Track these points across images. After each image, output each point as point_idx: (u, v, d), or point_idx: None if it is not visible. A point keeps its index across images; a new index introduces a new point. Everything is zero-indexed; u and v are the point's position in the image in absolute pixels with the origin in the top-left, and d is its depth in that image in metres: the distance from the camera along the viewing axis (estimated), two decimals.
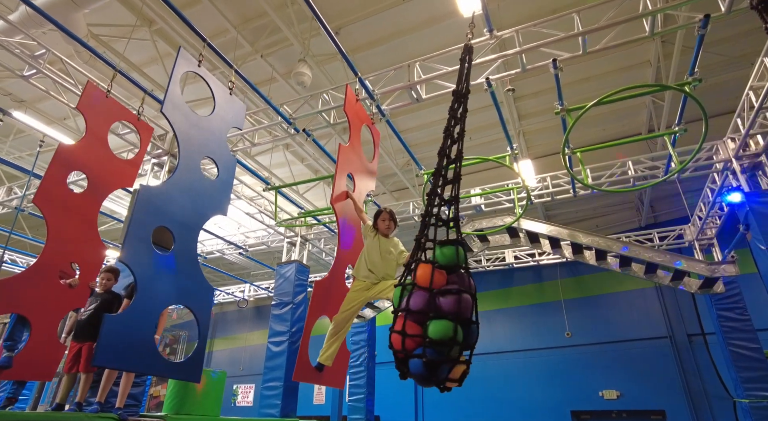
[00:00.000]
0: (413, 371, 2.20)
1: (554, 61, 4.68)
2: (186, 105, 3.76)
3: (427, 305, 2.20)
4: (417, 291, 2.26)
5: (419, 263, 2.35)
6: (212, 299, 3.41)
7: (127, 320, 2.73)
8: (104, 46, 7.34)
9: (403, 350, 2.19)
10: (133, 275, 2.85)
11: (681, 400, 10.47)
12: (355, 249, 4.19)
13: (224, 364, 17.59)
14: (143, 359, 2.74)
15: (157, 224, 3.19)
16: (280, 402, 7.14)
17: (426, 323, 2.19)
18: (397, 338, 2.20)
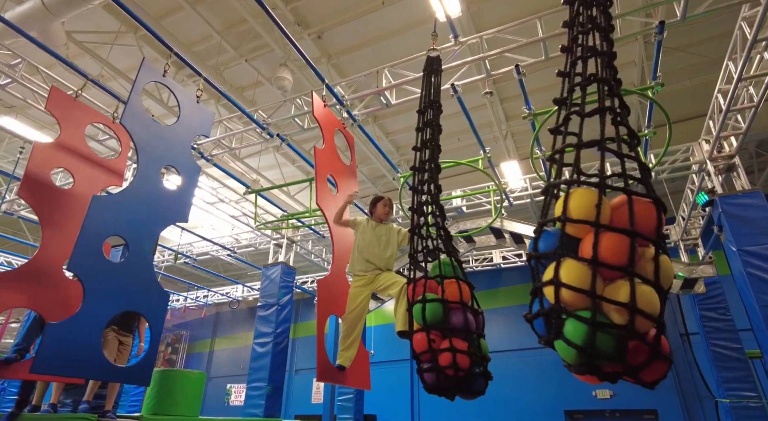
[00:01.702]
0: (478, 388, 2.24)
1: (517, 66, 4.71)
2: (147, 115, 3.85)
3: (473, 324, 2.30)
4: (468, 310, 2.31)
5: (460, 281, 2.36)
6: (166, 305, 3.49)
7: (72, 327, 2.81)
8: (88, 53, 7.47)
9: (466, 369, 2.16)
10: (81, 283, 2.93)
11: (673, 399, 10.45)
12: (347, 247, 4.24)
13: (224, 363, 17.80)
14: (87, 365, 2.80)
15: (110, 233, 3.28)
16: (264, 402, 7.25)
17: (472, 341, 2.26)
18: (464, 357, 2.18)
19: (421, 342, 2.30)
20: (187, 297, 15.39)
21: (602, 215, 1.44)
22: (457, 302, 2.30)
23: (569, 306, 1.41)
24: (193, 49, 7.76)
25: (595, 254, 1.39)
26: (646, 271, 1.38)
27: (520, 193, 8.87)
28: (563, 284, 1.41)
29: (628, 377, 1.41)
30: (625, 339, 1.32)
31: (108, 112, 5.69)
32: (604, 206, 1.45)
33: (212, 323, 18.91)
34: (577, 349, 1.35)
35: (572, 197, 1.52)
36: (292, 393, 15.62)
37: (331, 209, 3.99)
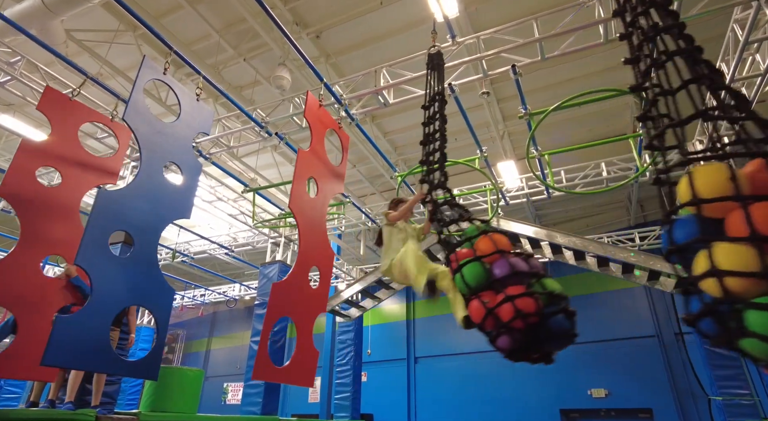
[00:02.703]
0: (560, 327, 1.91)
1: (513, 66, 4.77)
2: (149, 112, 3.89)
3: (531, 266, 2.01)
4: (512, 256, 2.05)
5: (488, 233, 2.17)
6: (172, 300, 3.53)
7: (80, 320, 2.86)
8: (87, 51, 7.49)
9: (537, 312, 1.86)
10: (89, 277, 2.98)
11: (668, 398, 10.54)
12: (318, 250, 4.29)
13: (222, 362, 17.81)
14: (96, 358, 2.87)
15: (115, 228, 3.33)
16: (262, 400, 7.28)
17: (534, 284, 1.96)
18: (528, 301, 1.87)
19: (475, 310, 2.03)
20: (184, 296, 15.39)
21: (743, 185, 1.27)
22: (494, 252, 2.04)
23: (743, 295, 1.21)
24: (192, 48, 7.79)
25: (752, 228, 1.19)
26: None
27: (516, 192, 8.93)
28: (727, 272, 1.22)
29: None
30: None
31: (107, 111, 5.71)
32: (740, 176, 1.29)
33: (209, 322, 18.91)
34: (760, 339, 1.17)
35: (697, 177, 1.35)
36: (290, 392, 15.65)
37: (304, 212, 4.03)
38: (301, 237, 4.06)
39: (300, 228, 4.03)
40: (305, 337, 3.97)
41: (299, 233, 4.02)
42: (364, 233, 11.60)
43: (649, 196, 11.74)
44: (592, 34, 4.88)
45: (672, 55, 1.60)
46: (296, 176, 3.99)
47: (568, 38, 4.84)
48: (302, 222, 4.05)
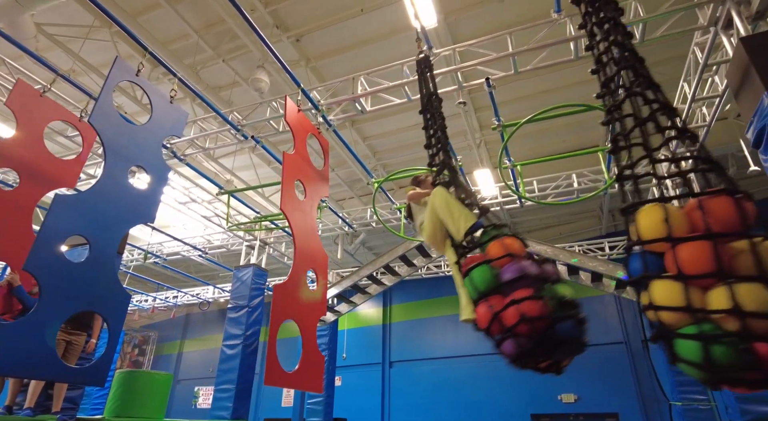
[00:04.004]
0: (564, 333, 1.84)
1: (487, 79, 4.90)
2: (117, 114, 3.83)
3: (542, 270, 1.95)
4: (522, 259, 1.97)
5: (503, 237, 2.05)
6: (126, 306, 3.46)
7: (26, 326, 2.77)
8: (59, 47, 7.32)
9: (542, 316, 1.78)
10: (38, 283, 2.91)
11: (633, 403, 10.86)
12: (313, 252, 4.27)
13: (194, 365, 17.49)
14: (41, 365, 2.77)
15: (71, 233, 3.24)
16: (232, 405, 7.20)
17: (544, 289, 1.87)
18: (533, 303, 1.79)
19: (482, 315, 2.01)
20: (156, 298, 15.07)
21: (675, 226, 1.40)
22: (504, 255, 1.99)
23: (674, 326, 1.36)
24: (170, 48, 7.69)
25: (678, 268, 1.36)
26: (749, 266, 1.30)
27: (491, 201, 9.10)
28: (658, 307, 1.38)
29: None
30: (746, 345, 1.24)
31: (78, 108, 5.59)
32: (673, 217, 1.42)
33: (182, 325, 18.55)
34: (696, 367, 1.29)
35: (641, 217, 1.50)
36: (262, 396, 15.47)
37: (296, 214, 4.04)
38: (296, 239, 4.05)
39: (294, 231, 4.02)
40: (310, 341, 3.93)
41: (294, 235, 4.02)
42: (341, 236, 11.60)
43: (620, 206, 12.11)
44: (565, 50, 5.04)
45: (628, 95, 1.74)
46: (285, 179, 4.00)
47: (541, 53, 4.99)
48: (295, 224, 4.05)
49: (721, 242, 1.35)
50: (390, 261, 8.40)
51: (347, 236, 11.57)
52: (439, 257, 9.94)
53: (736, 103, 3.84)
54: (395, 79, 5.71)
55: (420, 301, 14.64)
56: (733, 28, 4.08)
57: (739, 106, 3.79)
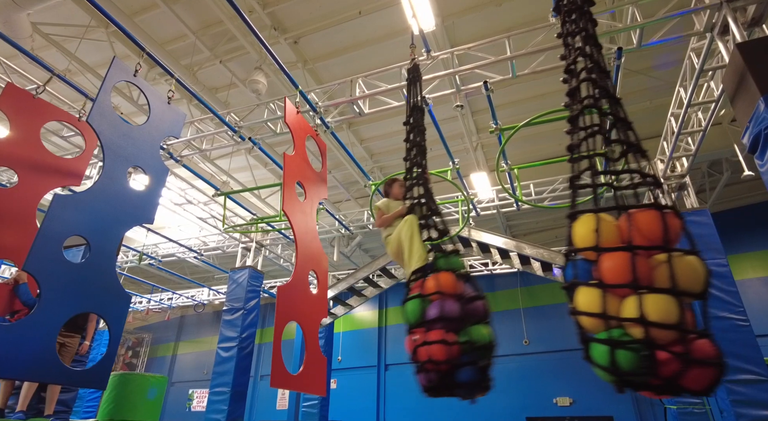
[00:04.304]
0: (464, 379, 2.05)
1: (485, 83, 4.91)
2: (116, 114, 3.81)
3: (464, 311, 2.11)
4: (448, 299, 2.15)
5: (436, 272, 2.25)
6: (127, 308, 3.44)
7: (26, 328, 2.75)
8: (55, 46, 7.27)
9: (448, 361, 2.02)
10: (38, 284, 2.88)
11: (628, 406, 10.89)
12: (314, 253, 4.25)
13: (188, 368, 17.37)
14: (41, 368, 2.75)
15: (71, 233, 3.22)
16: (227, 408, 7.14)
17: (463, 330, 2.08)
18: (440, 348, 2.02)
19: (408, 344, 2.20)
20: (150, 299, 14.97)
21: (604, 236, 1.48)
22: (434, 293, 2.16)
23: (591, 331, 1.46)
24: (167, 48, 7.65)
25: (599, 276, 1.45)
26: (663, 278, 1.38)
27: (487, 204, 9.11)
28: (578, 312, 1.48)
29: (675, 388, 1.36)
30: (647, 352, 1.32)
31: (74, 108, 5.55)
32: (604, 228, 1.50)
33: (176, 327, 18.43)
34: (603, 369, 1.39)
35: (575, 226, 1.59)
36: (257, 399, 15.38)
37: (298, 215, 4.02)
38: (298, 241, 4.03)
39: (296, 232, 4.01)
40: (313, 343, 3.91)
41: (295, 236, 4.00)
42: (337, 239, 11.58)
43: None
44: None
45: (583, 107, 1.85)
46: (286, 180, 3.99)
47: (539, 57, 5.01)
48: (297, 225, 4.03)
49: (643, 254, 1.43)
50: (386, 264, 8.39)
51: (344, 238, 11.55)
52: None
53: (732, 108, 3.87)
54: (393, 81, 5.71)
55: None
56: (729, 34, 4.12)
57: (735, 111, 3.82)
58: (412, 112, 3.19)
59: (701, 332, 1.37)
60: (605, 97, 1.82)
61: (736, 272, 5.71)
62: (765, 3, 3.97)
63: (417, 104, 3.24)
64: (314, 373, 3.83)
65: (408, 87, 3.43)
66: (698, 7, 4.36)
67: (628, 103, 8.45)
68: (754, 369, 4.93)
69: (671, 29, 4.63)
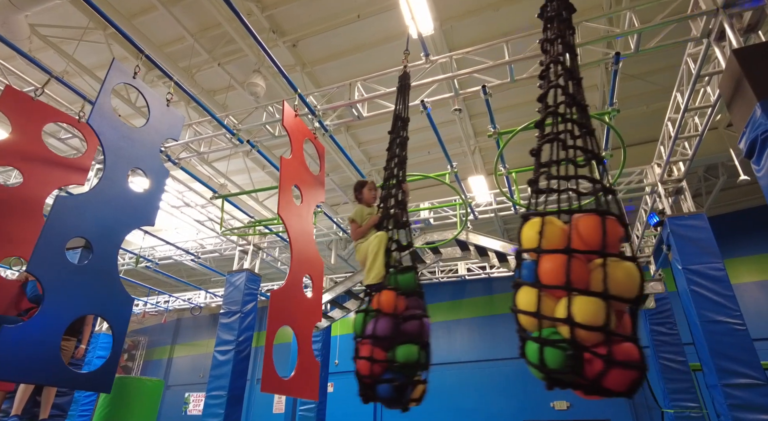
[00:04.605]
0: (382, 394, 2.30)
1: (484, 87, 4.93)
2: (116, 116, 3.80)
3: (393, 331, 2.31)
4: (383, 317, 2.37)
5: (382, 290, 2.47)
6: (130, 310, 3.44)
7: (30, 330, 2.74)
8: (53, 48, 7.26)
9: (370, 376, 2.28)
10: (41, 286, 2.88)
11: (625, 410, 10.89)
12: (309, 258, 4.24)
13: (184, 371, 17.28)
14: (45, 370, 2.75)
15: (73, 235, 3.22)
16: (224, 411, 7.10)
17: (392, 348, 2.29)
18: (365, 364, 2.29)
19: (354, 351, 2.49)
20: (147, 302, 14.89)
21: (547, 239, 1.53)
22: (375, 310, 2.39)
23: (528, 329, 1.51)
24: (165, 51, 7.65)
25: (536, 276, 1.51)
26: (596, 282, 1.42)
27: (485, 207, 9.13)
28: (517, 310, 1.54)
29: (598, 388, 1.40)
30: (573, 352, 1.37)
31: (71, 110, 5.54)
32: (548, 231, 1.55)
33: (172, 330, 18.34)
34: (533, 366, 1.45)
35: (524, 228, 1.65)
36: (254, 403, 15.30)
37: (293, 219, 4.01)
38: (293, 245, 4.01)
39: (291, 236, 3.98)
40: (306, 347, 3.89)
41: (290, 240, 3.97)
42: (335, 242, 11.56)
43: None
44: None
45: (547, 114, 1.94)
46: (282, 184, 3.98)
47: (536, 61, 5.03)
48: (292, 229, 4.01)
49: (581, 258, 1.47)
50: None
51: (341, 241, 11.53)
52: (433, 264, 9.93)
53: (729, 113, 3.89)
54: (391, 85, 5.69)
55: None
56: (726, 40, 4.15)
57: (731, 116, 3.84)
58: (397, 122, 3.22)
59: (627, 336, 1.41)
60: (571, 104, 1.86)
61: (732, 276, 5.74)
62: (761, 10, 4.00)
63: (402, 115, 3.26)
64: (307, 377, 3.81)
65: (397, 94, 3.45)
66: (695, 13, 4.39)
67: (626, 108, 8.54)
68: (751, 373, 4.94)
69: (668, 35, 4.66)
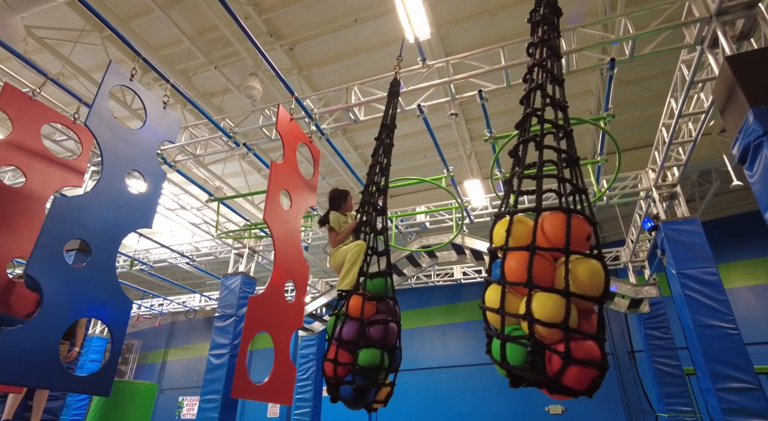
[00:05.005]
0: (343, 395, 2.38)
1: (480, 92, 4.96)
2: (113, 118, 3.79)
3: (357, 335, 2.39)
4: (349, 321, 2.45)
5: (352, 295, 2.53)
6: (129, 313, 3.42)
7: (29, 333, 2.72)
8: (49, 50, 7.24)
9: (334, 377, 2.37)
10: (40, 288, 2.86)
11: (620, 414, 10.91)
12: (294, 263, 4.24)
13: (178, 375, 17.16)
14: (45, 373, 2.73)
15: (72, 236, 3.20)
16: (218, 415, 7.05)
17: (356, 352, 2.37)
18: (330, 365, 2.38)
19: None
20: (141, 305, 14.79)
21: (515, 237, 1.55)
22: (345, 314, 2.48)
23: (494, 326, 1.53)
24: (162, 53, 7.65)
25: (502, 273, 1.52)
26: (559, 279, 1.43)
27: (481, 211, 9.15)
28: (484, 308, 1.56)
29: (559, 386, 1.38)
30: (533, 348, 1.37)
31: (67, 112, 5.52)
32: (515, 229, 1.57)
33: (167, 333, 18.22)
34: (497, 363, 1.45)
35: (496, 227, 1.67)
36: (248, 407, 15.21)
37: (279, 224, 4.02)
38: (277, 250, 4.01)
39: (275, 241, 3.98)
40: (283, 353, 3.89)
41: (274, 246, 3.97)
42: None
43: (607, 218, 12.26)
44: None
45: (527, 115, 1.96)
46: (270, 189, 3.97)
47: None
48: (277, 235, 4.01)
49: (546, 255, 1.48)
50: None
51: None
52: (429, 268, 9.93)
53: (722, 120, 3.94)
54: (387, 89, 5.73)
55: (408, 311, 14.59)
56: (719, 47, 4.20)
57: (724, 122, 3.89)
58: (383, 130, 3.25)
59: (587, 334, 1.40)
60: (551, 106, 1.89)
61: (725, 281, 5.78)
62: (753, 17, 4.06)
63: (388, 123, 3.29)
64: (281, 383, 3.80)
65: (388, 100, 3.48)
66: (688, 21, 4.45)
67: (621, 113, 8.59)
68: (744, 377, 4.97)
69: (662, 41, 4.71)
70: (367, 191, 2.99)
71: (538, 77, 1.98)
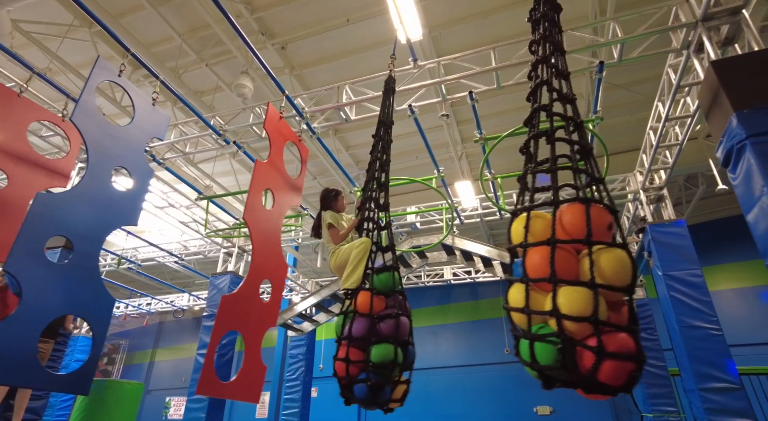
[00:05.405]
0: (358, 395, 2.28)
1: (470, 93, 4.99)
2: (100, 114, 3.76)
3: (368, 331, 2.31)
4: (358, 318, 2.38)
5: (359, 291, 2.48)
6: (111, 310, 3.39)
7: (6, 331, 2.68)
8: (36, 44, 7.14)
9: (347, 377, 2.27)
10: (18, 285, 2.82)
11: (607, 415, 11.02)
12: (271, 263, 4.24)
13: (166, 375, 16.98)
14: (22, 372, 2.69)
15: (53, 233, 3.17)
16: (205, 415, 6.99)
17: (368, 348, 2.28)
18: (341, 365, 2.29)
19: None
20: (128, 304, 14.61)
21: (533, 233, 1.47)
22: (353, 311, 2.42)
23: (520, 326, 1.45)
24: (152, 50, 7.58)
25: (524, 270, 1.45)
26: (583, 271, 1.36)
27: (471, 212, 9.20)
28: (508, 308, 1.49)
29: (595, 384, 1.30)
30: (563, 345, 1.30)
31: (54, 108, 5.45)
32: (534, 224, 1.50)
33: (154, 333, 18.03)
34: (526, 365, 1.38)
35: (513, 224, 1.60)
36: (236, 407, 15.10)
37: (259, 224, 4.01)
38: (255, 249, 4.01)
39: (254, 240, 3.98)
40: (253, 351, 3.90)
41: (253, 245, 3.97)
42: (321, 245, 11.52)
43: None
44: None
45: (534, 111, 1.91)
46: (252, 188, 3.96)
47: (523, 68, 5.11)
48: (256, 234, 4.01)
49: (567, 248, 1.42)
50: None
51: None
52: (419, 268, 9.95)
53: (707, 123, 4.01)
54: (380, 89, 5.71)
55: None
56: (704, 52, 4.28)
57: (709, 126, 3.95)
58: (380, 127, 3.25)
59: (621, 326, 1.33)
60: (559, 100, 1.86)
61: (710, 284, 5.87)
62: (737, 24, 4.13)
63: (386, 120, 3.29)
64: (249, 381, 3.79)
65: (384, 98, 3.49)
66: (675, 26, 4.52)
67: (610, 117, 8.67)
68: (727, 377, 5.05)
69: (650, 45, 4.78)
70: (367, 187, 2.97)
71: (543, 73, 1.96)
